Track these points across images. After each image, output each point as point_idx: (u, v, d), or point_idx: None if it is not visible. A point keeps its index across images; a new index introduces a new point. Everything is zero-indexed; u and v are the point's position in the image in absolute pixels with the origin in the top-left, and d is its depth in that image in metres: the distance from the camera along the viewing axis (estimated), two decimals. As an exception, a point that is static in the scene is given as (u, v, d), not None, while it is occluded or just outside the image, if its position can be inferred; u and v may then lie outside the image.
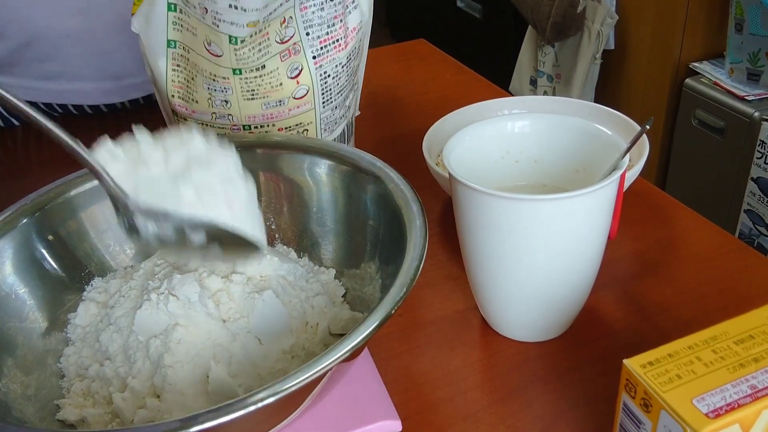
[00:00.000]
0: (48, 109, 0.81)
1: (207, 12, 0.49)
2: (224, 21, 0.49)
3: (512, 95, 0.72)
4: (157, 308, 0.41)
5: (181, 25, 0.52)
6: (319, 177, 0.49)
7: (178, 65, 0.54)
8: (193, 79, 0.54)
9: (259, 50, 0.51)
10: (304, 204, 0.50)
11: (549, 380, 0.46)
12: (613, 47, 1.66)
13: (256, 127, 0.55)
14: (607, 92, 1.73)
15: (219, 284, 0.43)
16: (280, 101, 0.54)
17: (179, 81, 0.55)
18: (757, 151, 1.38)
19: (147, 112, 0.83)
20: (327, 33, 0.53)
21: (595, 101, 1.29)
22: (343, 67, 0.55)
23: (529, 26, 1.78)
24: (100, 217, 0.49)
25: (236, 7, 0.47)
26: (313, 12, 0.51)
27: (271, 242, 0.51)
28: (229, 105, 0.54)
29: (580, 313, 0.49)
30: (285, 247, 0.51)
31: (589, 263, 0.46)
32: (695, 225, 0.59)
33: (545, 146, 0.50)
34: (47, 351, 0.44)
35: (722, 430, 0.31)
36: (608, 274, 0.53)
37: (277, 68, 0.52)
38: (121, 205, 0.37)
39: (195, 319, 0.41)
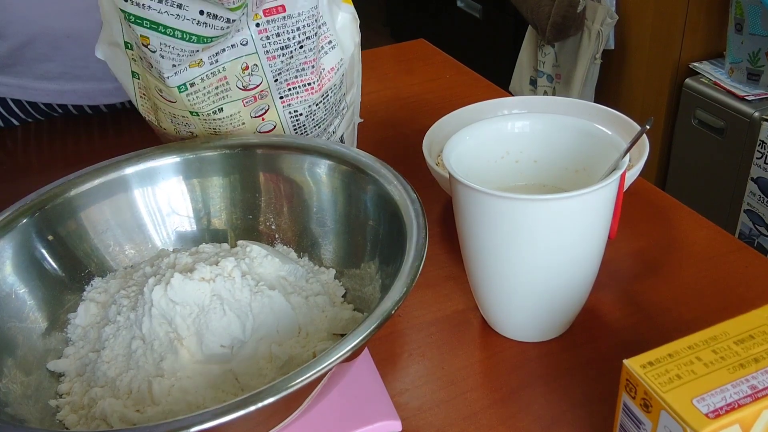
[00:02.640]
0: (48, 110, 0.81)
1: (152, 67, 0.47)
2: (168, 77, 0.47)
3: (512, 95, 0.72)
4: (160, 312, 0.41)
5: (138, 63, 0.51)
6: (319, 177, 0.49)
7: (144, 94, 0.54)
8: (157, 111, 0.54)
9: (216, 94, 0.50)
10: (304, 204, 0.50)
11: (549, 380, 0.46)
12: (613, 47, 1.67)
13: None
14: (607, 92, 1.73)
15: (222, 285, 0.43)
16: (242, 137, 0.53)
17: (148, 106, 0.55)
18: (757, 151, 1.38)
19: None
20: (296, 77, 0.51)
21: (595, 101, 1.29)
22: (318, 105, 0.54)
23: (529, 26, 1.78)
24: (99, 217, 0.49)
25: (174, 64, 0.46)
26: (281, 60, 0.50)
27: (271, 242, 0.51)
28: (195, 134, 0.54)
29: (580, 313, 0.49)
30: (285, 247, 0.51)
31: (589, 263, 0.46)
32: (695, 225, 0.59)
33: (545, 146, 0.50)
34: (47, 351, 0.44)
35: (722, 430, 0.31)
36: (608, 274, 0.53)
37: (239, 112, 0.51)
38: None
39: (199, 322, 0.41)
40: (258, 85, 0.50)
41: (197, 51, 0.46)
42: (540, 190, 0.51)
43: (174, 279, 0.42)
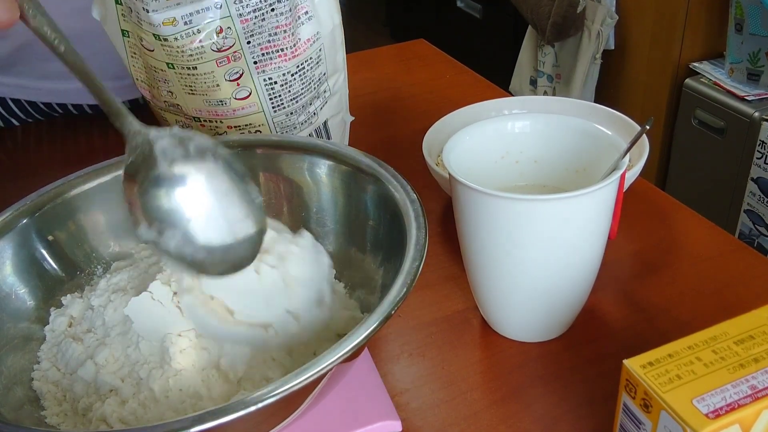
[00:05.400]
0: (48, 109, 0.81)
1: (131, 12, 0.50)
2: (143, 21, 0.49)
3: (512, 95, 0.72)
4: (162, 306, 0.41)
5: (126, 19, 0.52)
6: (319, 177, 0.49)
7: (134, 53, 0.55)
8: (146, 71, 0.55)
9: (190, 54, 0.51)
10: (304, 204, 0.50)
11: (549, 380, 0.46)
12: (613, 47, 1.66)
13: (205, 121, 0.55)
14: (607, 92, 1.73)
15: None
16: (221, 101, 0.54)
17: (139, 66, 0.56)
18: (757, 151, 1.38)
19: (146, 112, 0.83)
20: (269, 41, 0.52)
21: (595, 101, 1.29)
22: (293, 75, 0.54)
23: (529, 26, 1.78)
24: (99, 217, 0.49)
25: (146, 10, 0.48)
26: (254, 23, 0.51)
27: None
28: (174, 96, 0.54)
29: (580, 313, 0.49)
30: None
31: (589, 263, 0.46)
32: (695, 225, 0.59)
33: (545, 146, 0.50)
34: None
35: (722, 430, 0.31)
36: (608, 274, 0.53)
37: (213, 71, 0.52)
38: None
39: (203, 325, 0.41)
40: (231, 47, 0.51)
41: None
42: (540, 191, 0.51)
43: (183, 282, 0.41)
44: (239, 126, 0.55)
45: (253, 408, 0.31)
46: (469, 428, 0.43)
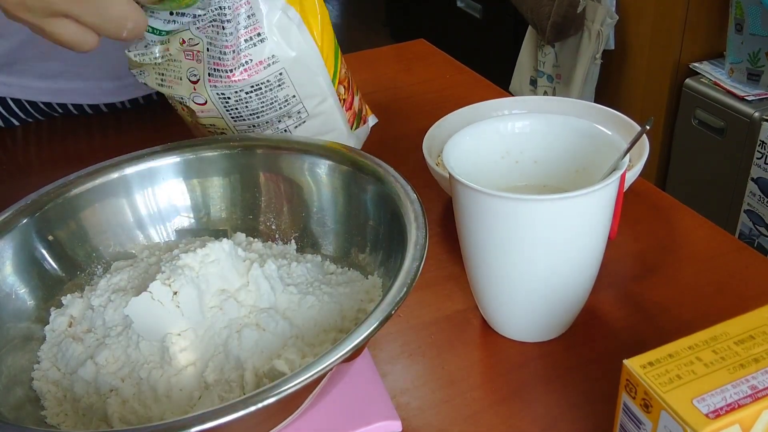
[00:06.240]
0: (48, 109, 0.81)
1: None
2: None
3: (512, 95, 0.72)
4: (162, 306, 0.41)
5: None
6: (319, 177, 0.49)
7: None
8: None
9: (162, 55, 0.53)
10: (304, 204, 0.50)
11: (549, 380, 0.46)
12: (613, 47, 1.67)
13: (185, 106, 0.57)
14: (607, 92, 1.73)
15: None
16: (182, 97, 0.55)
17: None
18: (757, 151, 1.38)
19: (147, 112, 0.83)
20: (219, 58, 0.52)
21: (595, 101, 1.29)
22: (248, 93, 0.54)
23: (529, 26, 1.79)
24: (100, 217, 0.49)
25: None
26: (209, 36, 0.51)
27: (271, 242, 0.51)
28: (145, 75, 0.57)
29: (580, 313, 0.49)
30: (285, 246, 0.51)
31: (589, 263, 0.46)
32: (695, 225, 0.59)
33: (545, 146, 0.50)
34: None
35: (722, 430, 0.31)
36: (608, 274, 0.53)
37: (180, 61, 0.53)
38: None
39: (203, 324, 0.41)
40: (196, 45, 0.52)
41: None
42: (540, 190, 0.51)
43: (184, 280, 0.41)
44: (205, 125, 0.57)
45: (253, 408, 0.31)
46: (469, 428, 0.43)
